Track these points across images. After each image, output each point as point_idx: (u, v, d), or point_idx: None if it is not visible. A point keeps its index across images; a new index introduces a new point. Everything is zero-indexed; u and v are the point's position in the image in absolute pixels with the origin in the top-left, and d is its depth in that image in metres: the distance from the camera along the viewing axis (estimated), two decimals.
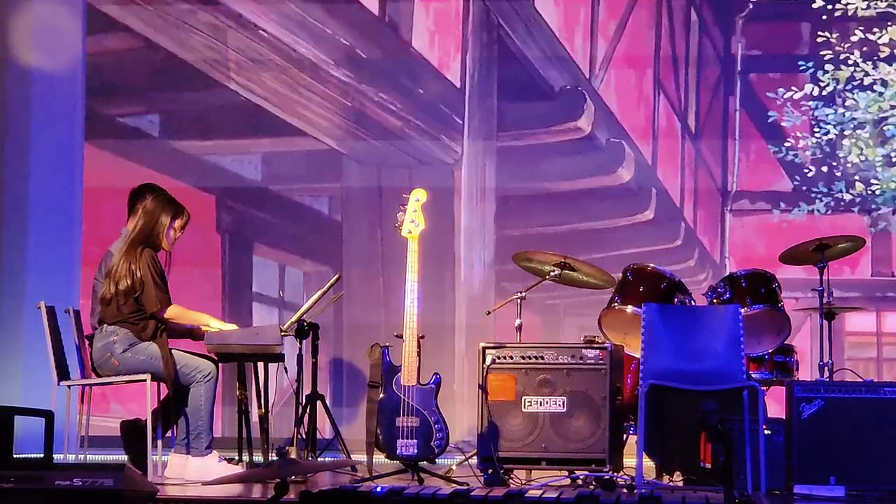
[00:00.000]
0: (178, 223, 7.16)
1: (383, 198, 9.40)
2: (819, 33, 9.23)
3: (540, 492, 4.97)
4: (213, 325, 7.18)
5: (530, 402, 7.14)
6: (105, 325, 7.02)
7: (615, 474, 7.02)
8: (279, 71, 9.47)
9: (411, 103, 9.47)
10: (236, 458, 7.41)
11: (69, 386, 7.13)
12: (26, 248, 9.35)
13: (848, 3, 9.04)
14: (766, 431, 6.76)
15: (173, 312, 7.06)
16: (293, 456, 6.52)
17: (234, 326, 7.31)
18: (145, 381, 6.91)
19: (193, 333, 7.25)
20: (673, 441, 7.19)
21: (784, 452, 6.86)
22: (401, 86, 9.50)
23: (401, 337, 6.97)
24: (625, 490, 6.53)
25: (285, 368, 7.36)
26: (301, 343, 7.42)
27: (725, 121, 9.45)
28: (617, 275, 7.61)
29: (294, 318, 7.37)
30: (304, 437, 7.41)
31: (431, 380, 6.98)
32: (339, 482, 6.43)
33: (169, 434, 7.16)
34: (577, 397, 7.12)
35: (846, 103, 9.13)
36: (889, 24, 8.95)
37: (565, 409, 7.11)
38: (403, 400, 6.92)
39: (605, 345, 7.21)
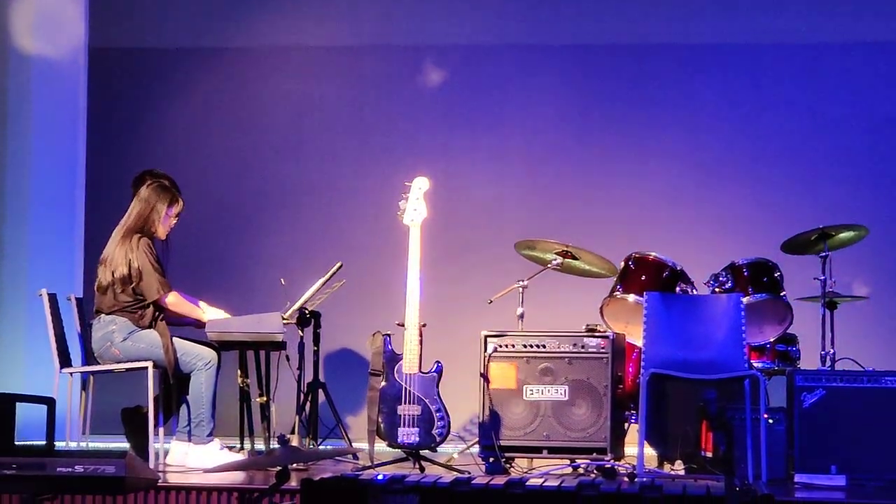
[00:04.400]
0: (173, 211, 7.16)
1: None
2: None
3: (541, 480, 4.96)
4: (206, 318, 7.16)
5: (532, 390, 7.14)
6: (102, 315, 7.02)
7: (616, 463, 7.02)
8: None
9: None
10: (238, 445, 7.41)
11: (71, 373, 7.13)
12: (28, 235, 9.34)
13: None
14: (768, 420, 6.77)
15: (174, 299, 7.06)
16: (294, 444, 6.54)
17: (223, 314, 7.30)
18: (146, 368, 6.92)
19: (196, 321, 7.25)
20: (674, 430, 7.19)
21: (785, 441, 6.86)
22: None
23: (402, 325, 6.97)
24: (626, 479, 6.53)
25: (287, 356, 7.36)
26: (302, 331, 7.42)
27: None
28: (619, 263, 7.61)
29: (296, 306, 7.37)
30: (305, 424, 7.42)
31: (433, 368, 6.99)
32: (340, 470, 6.44)
33: (170, 421, 7.16)
34: (578, 386, 7.12)
35: None
36: None
37: (567, 398, 7.12)
38: (405, 388, 6.92)
39: (607, 333, 7.21)
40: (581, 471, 7.02)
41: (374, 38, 9.51)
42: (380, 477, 4.93)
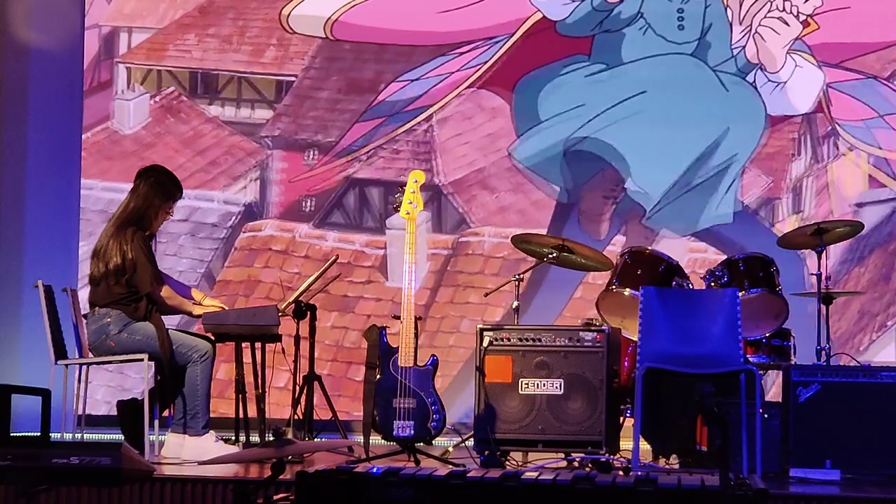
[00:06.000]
0: (169, 208, 7.15)
1: None
2: None
3: (536, 474, 4.96)
4: (196, 313, 7.15)
5: (527, 384, 7.14)
6: (97, 308, 7.00)
7: (611, 457, 7.02)
8: None
9: None
10: (233, 438, 7.41)
11: (66, 365, 7.13)
12: (24, 227, 9.34)
13: None
14: (763, 415, 6.77)
15: (168, 293, 7.06)
16: (289, 436, 6.55)
17: (218, 304, 7.30)
18: (142, 360, 6.91)
19: (187, 315, 7.25)
20: (669, 424, 7.20)
21: (780, 436, 6.87)
22: None
23: (398, 318, 6.97)
24: (621, 472, 6.53)
25: (283, 349, 7.36)
26: (298, 324, 7.42)
27: None
28: (615, 258, 7.62)
29: (292, 299, 7.37)
30: (300, 417, 7.42)
31: (428, 361, 6.99)
32: (335, 463, 6.43)
33: (166, 413, 7.16)
34: (574, 380, 7.12)
35: None
36: None
37: (562, 392, 7.12)
38: (400, 381, 6.92)
39: (603, 327, 7.21)
40: (576, 465, 7.02)
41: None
42: (375, 469, 4.93)
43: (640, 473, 5.18)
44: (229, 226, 9.43)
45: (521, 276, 7.49)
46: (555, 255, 7.54)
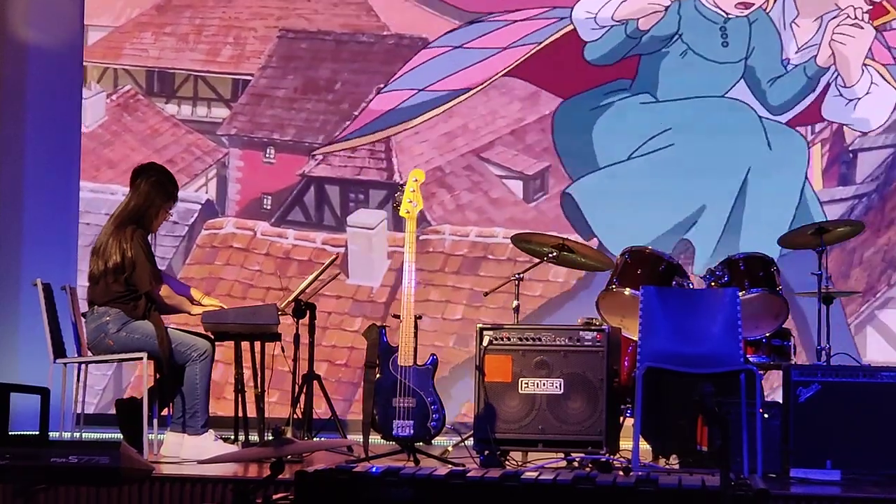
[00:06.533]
0: (169, 208, 7.14)
1: None
2: None
3: (536, 473, 4.95)
4: (194, 312, 7.14)
5: (527, 383, 7.13)
6: (96, 307, 6.99)
7: (612, 457, 7.01)
8: None
9: None
10: (232, 437, 7.40)
11: (65, 363, 7.12)
12: (23, 225, 9.33)
13: None
14: (763, 415, 6.76)
15: (167, 292, 7.04)
16: (289, 435, 6.54)
17: (217, 303, 7.29)
18: (141, 359, 6.90)
19: (185, 314, 7.24)
20: (670, 424, 7.19)
21: (781, 436, 6.86)
22: None
23: (398, 317, 6.96)
24: (621, 472, 6.52)
25: (282, 348, 7.35)
26: (297, 323, 7.41)
27: None
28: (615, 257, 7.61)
29: (291, 298, 7.37)
30: (300, 416, 7.41)
31: (428, 360, 6.98)
32: (334, 462, 6.42)
33: (165, 412, 7.15)
34: (574, 379, 7.11)
35: None
36: None
37: (562, 392, 7.11)
38: (400, 380, 6.91)
39: (603, 327, 7.20)
40: (576, 464, 7.01)
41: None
42: (374, 469, 4.92)
43: (640, 473, 5.17)
44: (189, 223, 9.41)
45: (521, 275, 7.48)
46: (555, 254, 7.53)
